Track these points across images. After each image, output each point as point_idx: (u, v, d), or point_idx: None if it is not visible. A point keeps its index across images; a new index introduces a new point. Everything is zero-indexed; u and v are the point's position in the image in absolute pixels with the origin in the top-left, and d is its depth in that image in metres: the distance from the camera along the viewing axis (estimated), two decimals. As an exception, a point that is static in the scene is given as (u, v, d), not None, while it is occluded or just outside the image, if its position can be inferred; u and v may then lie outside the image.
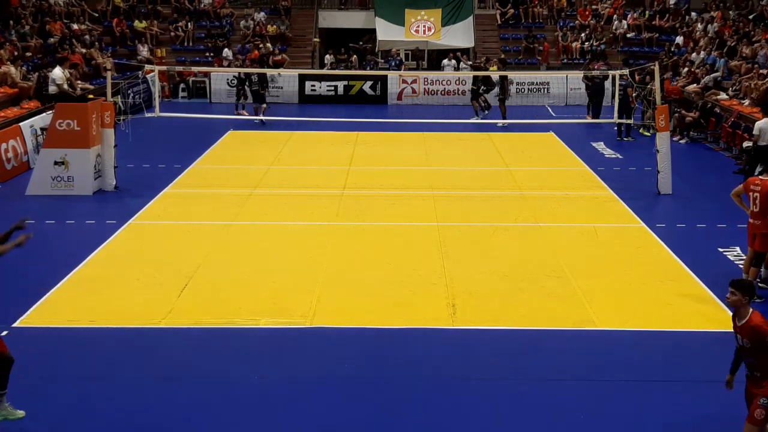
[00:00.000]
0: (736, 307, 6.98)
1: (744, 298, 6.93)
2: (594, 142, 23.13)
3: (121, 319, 10.54)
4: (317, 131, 23.68)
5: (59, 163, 16.80)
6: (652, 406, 8.53)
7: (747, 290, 6.96)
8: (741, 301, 6.94)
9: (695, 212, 15.85)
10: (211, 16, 35.21)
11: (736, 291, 6.94)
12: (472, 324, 10.54)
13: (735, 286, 6.97)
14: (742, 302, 6.94)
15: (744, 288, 6.96)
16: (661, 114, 17.13)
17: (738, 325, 6.99)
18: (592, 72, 26.11)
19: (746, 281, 7.17)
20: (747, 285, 7.04)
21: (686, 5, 34.18)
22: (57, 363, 9.39)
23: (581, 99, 29.23)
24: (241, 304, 11.05)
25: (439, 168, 19.76)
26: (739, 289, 6.95)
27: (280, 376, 9.14)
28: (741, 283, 7.01)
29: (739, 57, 25.69)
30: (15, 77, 22.44)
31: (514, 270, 12.45)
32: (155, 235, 14.31)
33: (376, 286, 11.82)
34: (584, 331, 10.38)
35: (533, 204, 16.26)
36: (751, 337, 6.84)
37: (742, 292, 6.93)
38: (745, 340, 6.92)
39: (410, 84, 30.73)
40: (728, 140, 21.77)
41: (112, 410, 8.36)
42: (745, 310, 6.93)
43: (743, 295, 6.93)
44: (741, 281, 7.07)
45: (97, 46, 29.28)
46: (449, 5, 34.13)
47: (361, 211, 15.87)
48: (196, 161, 20.15)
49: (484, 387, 8.96)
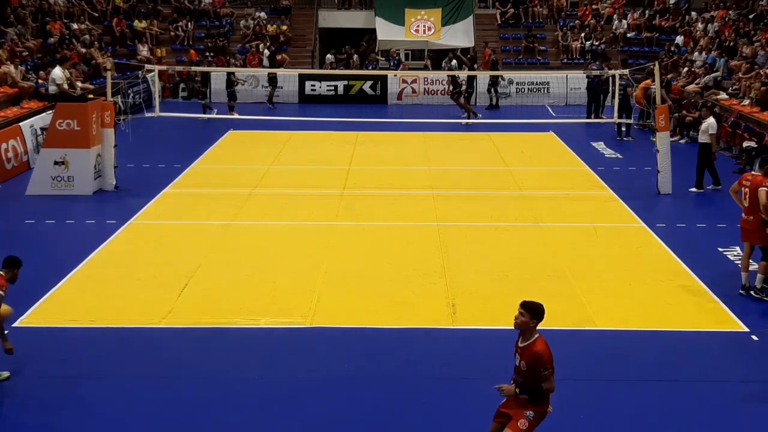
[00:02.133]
0: (523, 329, 6.75)
1: (532, 321, 6.69)
2: (594, 142, 23.13)
3: (121, 319, 10.54)
4: (317, 131, 23.68)
5: (59, 163, 16.80)
6: (652, 406, 8.53)
7: (536, 313, 6.70)
8: (529, 323, 6.70)
9: (695, 212, 15.86)
10: (211, 15, 35.20)
11: (525, 312, 6.71)
12: (472, 324, 10.54)
13: (525, 307, 6.74)
14: (529, 325, 6.70)
15: (533, 311, 6.71)
16: (661, 114, 17.13)
17: (520, 345, 6.79)
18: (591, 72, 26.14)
19: (537, 304, 6.77)
20: (537, 308, 6.73)
21: (686, 5, 34.17)
22: (57, 363, 9.39)
23: (581, 99, 29.23)
24: (241, 304, 11.06)
25: (439, 168, 19.76)
26: (528, 310, 6.71)
27: (280, 376, 9.14)
28: (531, 306, 6.74)
29: (739, 57, 25.69)
30: (15, 77, 22.43)
31: (514, 270, 12.46)
32: (155, 235, 14.31)
33: (376, 286, 11.82)
34: (584, 331, 10.38)
35: (533, 204, 16.26)
36: (529, 360, 6.65)
37: (531, 314, 6.69)
38: (522, 362, 6.73)
39: (410, 84, 30.72)
40: (728, 140, 21.76)
41: (112, 410, 8.36)
42: (531, 332, 6.72)
43: (531, 318, 6.69)
44: (531, 303, 6.77)
45: (96, 45, 29.26)
46: (449, 5, 34.12)
47: (361, 210, 15.87)
48: (196, 161, 20.15)
49: (484, 387, 8.95)
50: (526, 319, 6.71)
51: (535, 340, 6.70)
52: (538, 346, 6.66)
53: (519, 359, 6.78)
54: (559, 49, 33.92)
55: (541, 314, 6.76)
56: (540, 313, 6.74)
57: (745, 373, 9.34)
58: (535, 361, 6.62)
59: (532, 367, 6.65)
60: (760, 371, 9.36)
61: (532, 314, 6.70)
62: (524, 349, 6.73)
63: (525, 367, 6.70)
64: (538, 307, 6.76)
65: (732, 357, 9.76)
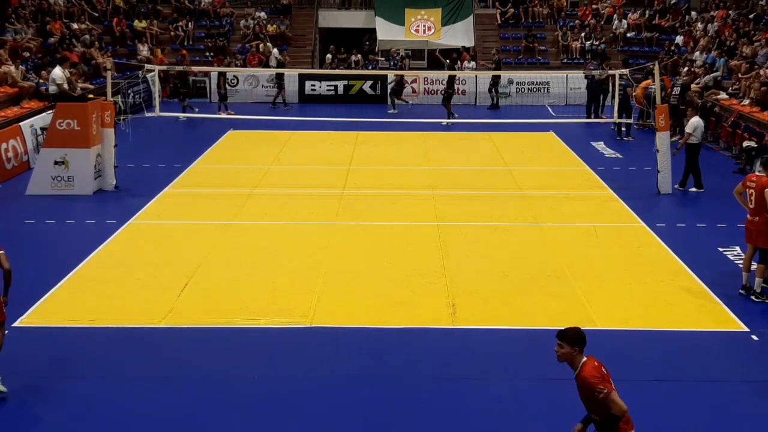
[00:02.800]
0: (567, 360, 6.25)
1: (573, 349, 6.19)
2: (594, 141, 23.13)
3: (121, 319, 10.54)
4: (317, 131, 23.69)
5: (59, 163, 16.80)
6: (652, 405, 8.53)
7: (573, 340, 6.20)
8: (571, 353, 6.19)
9: (695, 212, 15.86)
10: (211, 15, 35.21)
11: (563, 343, 6.21)
12: (472, 324, 10.54)
13: (560, 337, 6.24)
14: (572, 354, 6.19)
15: (570, 338, 6.21)
16: (661, 114, 17.12)
17: (574, 377, 6.28)
18: (591, 72, 26.16)
19: (572, 331, 6.26)
20: (573, 335, 6.22)
21: (686, 5, 34.18)
22: (57, 362, 9.39)
23: (581, 99, 29.24)
24: (241, 304, 11.06)
25: (439, 168, 19.76)
26: (565, 339, 6.22)
27: (280, 376, 9.14)
28: (567, 334, 6.24)
29: (739, 57, 25.70)
30: (15, 77, 22.43)
31: (514, 270, 12.46)
32: (155, 235, 14.31)
33: (376, 285, 11.83)
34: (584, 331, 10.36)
35: (533, 204, 16.26)
36: (581, 389, 6.20)
37: (569, 342, 6.20)
38: (580, 393, 6.25)
39: (410, 84, 30.72)
40: (728, 140, 21.76)
41: (112, 410, 8.37)
42: (578, 360, 6.21)
43: (571, 347, 6.19)
44: (566, 332, 6.26)
45: (96, 45, 29.26)
46: (449, 5, 34.12)
47: (361, 210, 15.87)
48: (196, 161, 20.15)
49: (484, 387, 8.97)
50: (567, 350, 6.21)
51: (582, 365, 6.19)
52: (583, 371, 6.16)
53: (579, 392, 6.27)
54: (559, 49, 33.92)
55: (581, 339, 6.22)
56: (578, 339, 6.21)
57: (745, 373, 9.34)
58: (585, 388, 6.14)
59: (587, 396, 6.16)
60: (760, 371, 9.36)
61: (570, 342, 6.21)
62: (576, 379, 6.25)
63: (583, 398, 6.22)
64: (575, 333, 6.25)
65: (732, 357, 9.77)
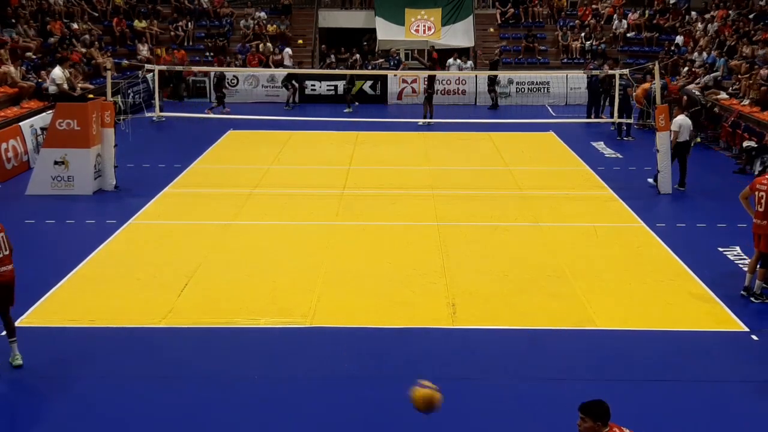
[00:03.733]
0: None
1: (596, 423, 5.89)
2: (594, 141, 23.13)
3: (121, 319, 10.54)
4: (317, 131, 23.69)
5: (59, 163, 16.80)
6: (653, 405, 8.53)
7: (597, 415, 5.90)
8: (594, 428, 5.90)
9: (695, 212, 15.85)
10: (211, 15, 35.21)
11: (586, 417, 5.91)
12: (472, 324, 10.54)
13: (583, 411, 5.93)
14: (595, 429, 5.90)
15: (594, 413, 5.91)
16: (661, 114, 17.12)
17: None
18: (591, 72, 26.17)
19: (595, 404, 5.95)
20: (597, 409, 5.93)
21: (686, 5, 34.18)
22: (57, 362, 9.39)
23: (581, 99, 29.25)
24: (241, 304, 11.06)
25: (439, 168, 19.76)
26: (589, 414, 5.91)
27: (280, 376, 9.14)
28: (590, 408, 5.94)
29: (739, 56, 25.70)
30: (15, 77, 22.43)
31: (514, 270, 12.46)
32: (155, 235, 14.31)
33: (376, 285, 11.82)
34: (584, 331, 10.38)
35: (533, 204, 16.26)
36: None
37: (593, 417, 5.90)
38: None
39: (410, 84, 30.71)
40: (728, 140, 21.76)
41: (112, 410, 8.36)
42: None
43: (595, 421, 5.89)
44: (590, 405, 5.95)
45: (97, 45, 29.26)
46: (449, 5, 34.13)
47: (361, 210, 15.87)
48: (196, 161, 20.15)
49: (484, 387, 8.97)
50: (590, 424, 5.91)
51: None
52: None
53: None
54: (559, 49, 33.92)
55: (604, 412, 5.91)
56: (602, 413, 5.91)
57: (745, 373, 9.34)
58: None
59: None
60: (760, 371, 9.36)
61: (594, 417, 5.89)
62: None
63: None
64: (599, 406, 5.94)
65: (732, 357, 9.76)
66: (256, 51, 32.42)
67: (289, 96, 29.29)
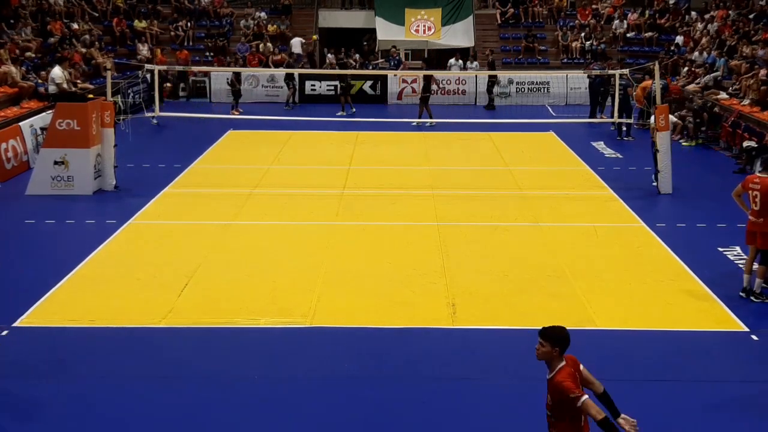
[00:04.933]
0: (546, 359, 6.00)
1: (554, 349, 5.92)
2: (594, 141, 23.14)
3: (121, 319, 10.54)
4: (317, 131, 23.69)
5: (59, 163, 16.80)
6: (653, 405, 8.53)
7: (556, 341, 5.93)
8: (551, 353, 5.93)
9: (695, 212, 15.85)
10: (211, 15, 35.21)
11: (545, 341, 5.94)
12: (472, 324, 10.54)
13: (543, 335, 5.97)
14: (552, 354, 5.94)
15: (552, 338, 5.94)
16: (661, 114, 17.13)
17: (547, 378, 6.04)
18: (591, 72, 26.18)
19: (556, 330, 5.99)
20: (556, 335, 5.96)
21: (686, 5, 34.18)
22: (57, 363, 9.38)
23: (581, 99, 29.26)
24: (241, 304, 11.06)
25: (439, 168, 19.76)
26: (547, 338, 5.94)
27: (280, 376, 9.14)
28: (550, 333, 5.97)
29: (739, 56, 25.70)
30: (15, 77, 22.42)
31: (514, 270, 12.45)
32: (155, 235, 14.31)
33: (376, 285, 11.82)
34: (584, 331, 10.36)
35: (533, 204, 16.26)
36: (553, 393, 5.93)
37: (551, 342, 5.92)
38: (548, 396, 6.00)
39: (410, 84, 30.71)
40: (728, 140, 21.76)
41: (112, 410, 8.36)
42: (556, 362, 5.96)
43: (552, 346, 5.92)
44: (549, 330, 5.99)
45: (97, 45, 29.26)
46: (449, 5, 34.13)
47: (361, 210, 15.87)
48: (196, 161, 20.15)
49: (484, 387, 8.97)
50: (548, 349, 5.95)
51: (560, 369, 5.94)
52: (558, 375, 5.91)
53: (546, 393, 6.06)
54: (559, 49, 33.92)
55: (563, 340, 5.97)
56: (561, 340, 5.96)
57: (745, 373, 9.34)
58: (557, 392, 5.87)
59: (557, 401, 5.90)
60: (760, 371, 9.36)
61: (552, 342, 5.94)
62: (549, 381, 6.00)
63: (551, 401, 5.98)
64: (558, 332, 5.99)
65: (732, 357, 9.76)
66: (256, 51, 32.41)
67: (288, 96, 29.28)
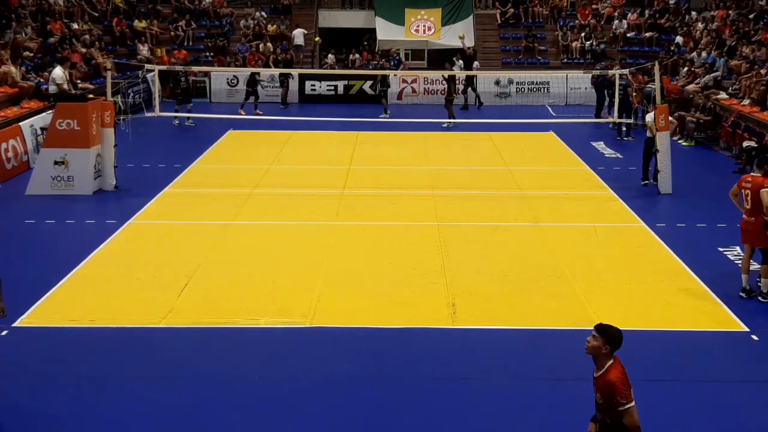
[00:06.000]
0: (594, 354, 6.08)
1: (605, 347, 6.02)
2: (594, 141, 23.14)
3: (121, 319, 10.54)
4: (317, 131, 23.68)
5: (59, 163, 16.80)
6: (653, 405, 8.53)
7: (611, 339, 6.02)
8: (601, 349, 6.03)
9: (695, 212, 15.85)
10: (211, 15, 35.21)
11: (598, 336, 6.04)
12: (472, 324, 10.54)
13: (599, 330, 6.08)
14: (602, 350, 6.03)
15: (608, 335, 6.03)
16: (661, 114, 17.13)
17: (594, 376, 6.12)
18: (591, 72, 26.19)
19: (614, 329, 6.08)
20: (613, 333, 6.05)
21: (686, 5, 34.18)
22: (57, 363, 9.38)
23: (581, 99, 29.25)
24: (241, 304, 11.06)
25: (439, 168, 19.76)
26: (602, 334, 6.04)
27: (280, 376, 9.14)
28: (606, 329, 6.07)
29: (739, 56, 25.70)
30: (15, 77, 22.42)
31: (514, 270, 12.45)
32: (155, 235, 14.31)
33: (376, 285, 11.82)
34: (584, 331, 10.25)
35: (533, 204, 16.26)
36: (603, 392, 6.00)
37: (605, 338, 6.01)
38: (597, 395, 6.08)
39: (410, 84, 30.71)
40: (728, 140, 21.76)
41: (112, 410, 8.36)
42: (604, 360, 6.04)
43: (605, 343, 6.01)
44: (607, 327, 6.08)
45: (97, 45, 29.26)
46: (449, 5, 34.12)
47: (361, 210, 15.87)
48: (196, 161, 20.15)
49: (484, 387, 8.97)
50: (599, 344, 6.03)
51: (609, 367, 6.01)
52: (611, 374, 5.96)
53: (595, 391, 6.13)
54: (559, 49, 33.92)
55: (617, 339, 6.04)
56: (614, 338, 6.03)
57: (745, 373, 9.34)
58: (607, 391, 5.94)
59: (607, 400, 5.96)
60: (760, 371, 9.36)
61: (606, 339, 6.02)
62: (597, 379, 6.06)
63: (601, 400, 6.03)
64: (615, 332, 6.05)
65: (732, 357, 9.76)
66: (256, 51, 32.41)
67: (282, 95, 29.28)
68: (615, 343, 6.05)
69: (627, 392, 5.95)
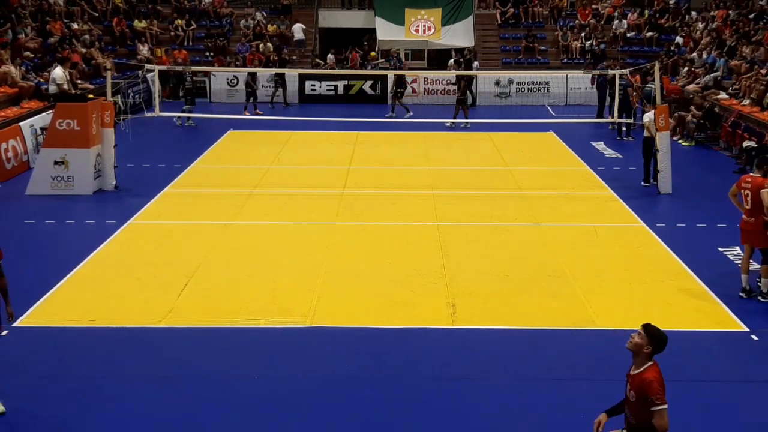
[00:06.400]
0: (636, 352, 6.16)
1: (648, 346, 6.10)
2: (594, 141, 23.14)
3: (121, 319, 10.54)
4: (317, 131, 23.69)
5: (59, 163, 16.80)
6: (652, 406, 8.52)
7: (655, 340, 6.10)
8: (643, 347, 6.11)
9: (695, 212, 15.85)
10: (211, 15, 35.21)
11: (644, 335, 6.12)
12: (472, 324, 10.54)
13: (646, 329, 6.15)
14: (643, 349, 6.11)
15: (654, 336, 6.11)
16: (661, 114, 17.13)
17: (630, 373, 6.21)
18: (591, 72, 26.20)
19: (660, 332, 6.15)
20: (659, 336, 6.14)
21: (686, 5, 34.19)
22: (57, 363, 9.38)
23: (581, 99, 29.25)
24: (241, 304, 11.06)
25: (439, 168, 19.77)
26: (648, 334, 6.12)
27: (280, 376, 9.14)
28: (653, 331, 6.15)
29: (739, 56, 25.70)
30: (15, 77, 22.42)
31: (514, 270, 12.45)
32: (155, 235, 14.31)
33: (376, 285, 11.82)
34: (584, 331, 10.38)
35: (533, 204, 16.26)
36: (637, 389, 6.07)
37: (650, 338, 6.10)
38: (631, 392, 6.14)
39: (410, 84, 30.71)
40: (728, 140, 21.76)
41: (112, 410, 8.36)
42: (644, 360, 6.12)
43: (648, 343, 6.10)
44: (654, 329, 6.16)
45: (97, 45, 29.26)
46: (449, 5, 34.11)
47: (361, 210, 15.87)
48: (196, 161, 20.15)
49: (484, 387, 8.97)
50: (642, 342, 6.12)
51: (648, 368, 6.10)
52: (649, 373, 6.05)
53: (628, 388, 6.19)
54: (559, 49, 33.92)
55: (661, 342, 6.13)
56: (659, 340, 6.12)
57: (745, 373, 9.34)
58: (643, 389, 6.02)
59: (641, 398, 6.04)
60: (760, 371, 9.36)
61: (650, 339, 6.10)
62: (633, 377, 6.15)
63: (634, 398, 6.09)
64: (661, 335, 6.13)
65: (732, 357, 9.77)
66: (256, 51, 32.40)
67: (274, 94, 29.25)
68: (658, 346, 6.15)
69: (662, 394, 6.03)
